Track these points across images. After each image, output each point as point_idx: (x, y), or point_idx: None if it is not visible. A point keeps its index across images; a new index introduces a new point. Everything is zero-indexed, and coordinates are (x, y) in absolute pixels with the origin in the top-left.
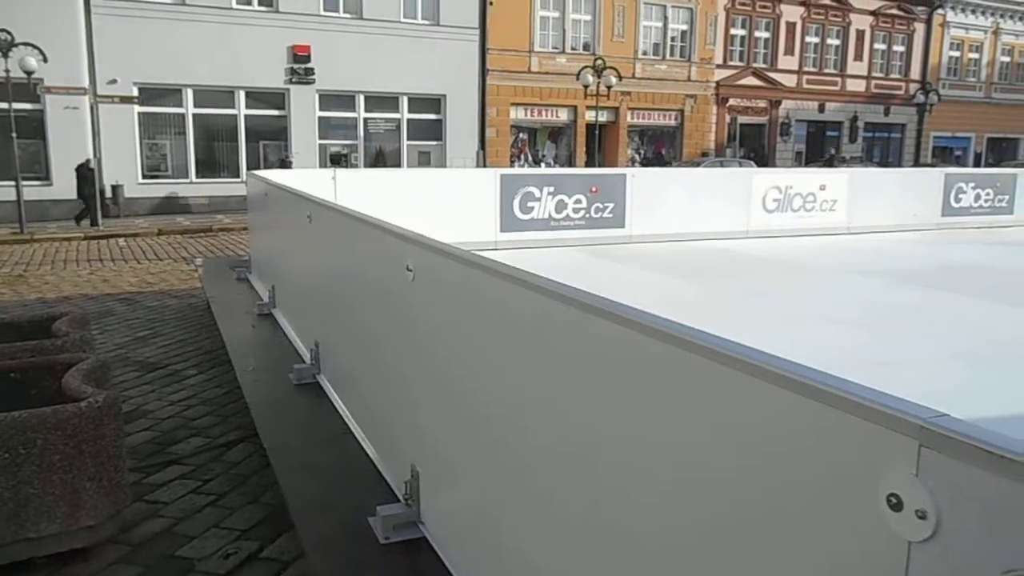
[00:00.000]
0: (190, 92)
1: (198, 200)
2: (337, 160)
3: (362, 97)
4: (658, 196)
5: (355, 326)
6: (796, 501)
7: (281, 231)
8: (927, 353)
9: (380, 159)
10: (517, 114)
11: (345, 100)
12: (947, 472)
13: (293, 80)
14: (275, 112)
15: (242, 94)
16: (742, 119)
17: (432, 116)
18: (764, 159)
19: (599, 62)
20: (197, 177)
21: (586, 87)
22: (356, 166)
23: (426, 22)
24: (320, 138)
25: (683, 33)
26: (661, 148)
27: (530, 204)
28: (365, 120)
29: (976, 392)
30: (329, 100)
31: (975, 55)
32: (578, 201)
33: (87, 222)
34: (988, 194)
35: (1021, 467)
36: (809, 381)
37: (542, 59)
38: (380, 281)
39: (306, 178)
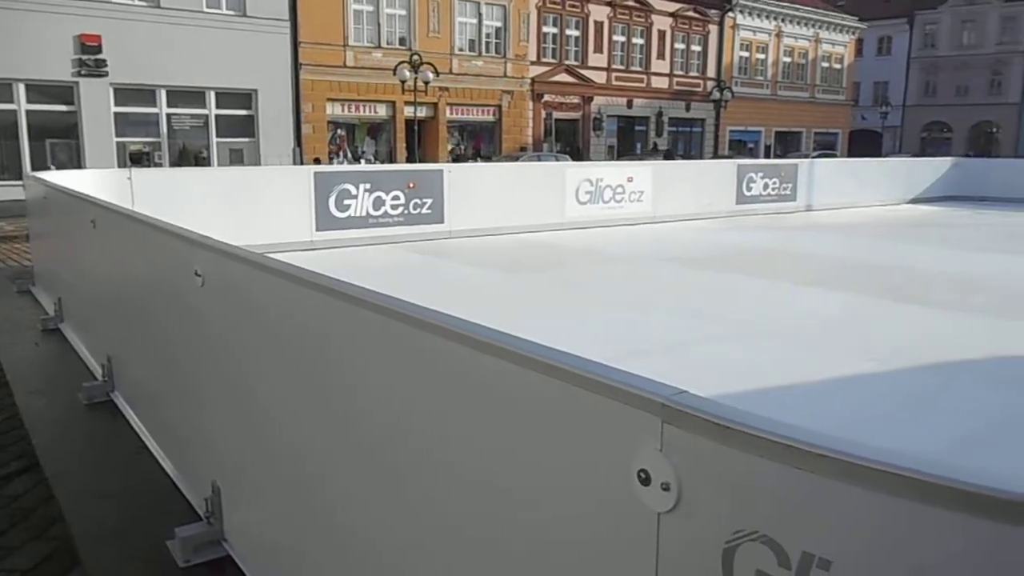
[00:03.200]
0: None
1: None
2: (138, 159)
3: (164, 91)
4: (475, 191)
5: (148, 338)
6: (561, 481)
7: (65, 238)
8: (720, 332)
9: (185, 157)
10: (334, 110)
11: (144, 94)
12: (686, 446)
13: (82, 72)
14: (63, 107)
15: (21, 87)
16: (557, 114)
17: (243, 112)
18: (578, 153)
19: (416, 57)
20: None
21: (403, 82)
22: (160, 165)
23: (231, 12)
24: (117, 135)
25: (498, 30)
26: (480, 143)
27: (346, 202)
28: (168, 116)
29: (752, 366)
30: (126, 94)
31: (762, 56)
32: (396, 197)
33: None
34: (775, 183)
35: (745, 437)
36: (564, 366)
37: (358, 53)
38: (170, 289)
39: (99, 180)
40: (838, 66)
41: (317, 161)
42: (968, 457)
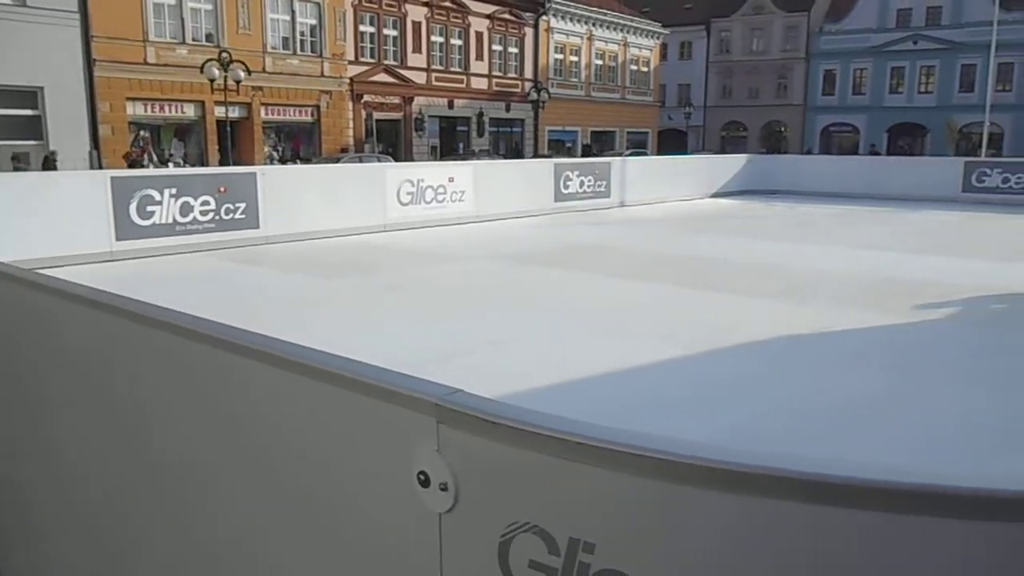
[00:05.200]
0: None
1: None
2: None
3: None
4: (293, 194)
5: None
6: (345, 488)
7: None
8: (540, 326)
9: None
10: (135, 110)
11: None
12: (460, 445)
13: None
14: None
15: None
16: (378, 115)
17: (28, 112)
18: (399, 154)
19: (225, 55)
20: None
21: (212, 81)
22: None
23: (9, 2)
24: None
25: (313, 28)
26: (299, 145)
27: (150, 208)
28: None
29: (564, 359)
30: None
31: (575, 58)
32: (205, 203)
33: None
34: (590, 180)
35: (512, 431)
36: (338, 371)
37: (160, 50)
38: None
39: None
40: (645, 69)
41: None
42: (747, 436)
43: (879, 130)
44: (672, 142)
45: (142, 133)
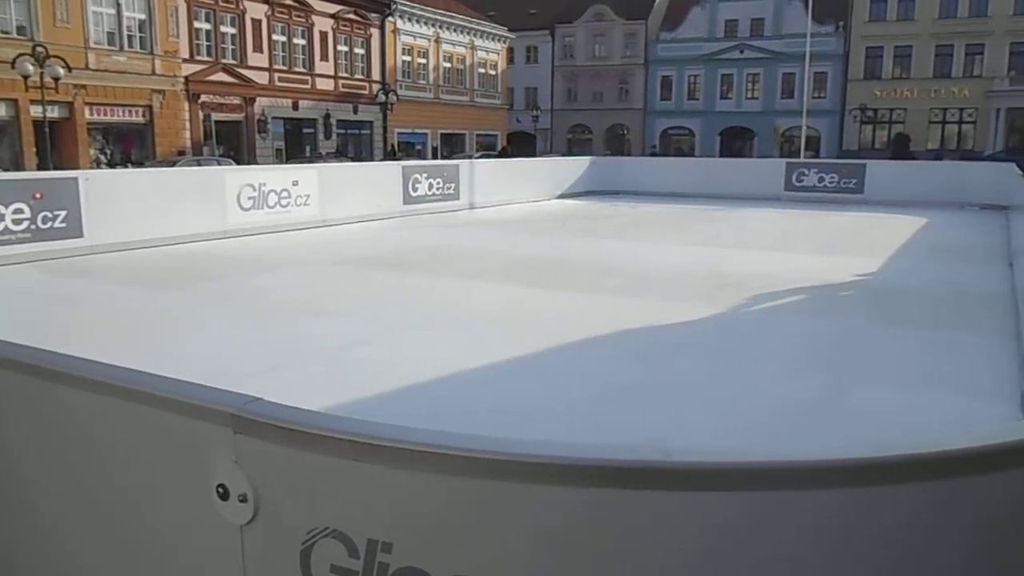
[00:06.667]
0: None
1: None
2: None
3: None
4: (122, 200)
5: None
6: (144, 507)
7: None
8: (386, 331)
9: None
10: None
11: None
12: (259, 454)
13: None
14: None
15: None
16: (217, 116)
17: None
18: (242, 157)
19: (40, 49)
20: None
21: (27, 78)
22: None
23: None
24: None
25: (142, 23)
26: (131, 147)
27: None
28: None
29: (414, 363)
30: None
31: (423, 60)
32: (19, 211)
33: None
34: (439, 183)
35: (310, 437)
36: (127, 385)
37: None
38: None
39: None
40: (493, 72)
41: None
42: (590, 427)
43: (712, 133)
44: (521, 144)
45: None
